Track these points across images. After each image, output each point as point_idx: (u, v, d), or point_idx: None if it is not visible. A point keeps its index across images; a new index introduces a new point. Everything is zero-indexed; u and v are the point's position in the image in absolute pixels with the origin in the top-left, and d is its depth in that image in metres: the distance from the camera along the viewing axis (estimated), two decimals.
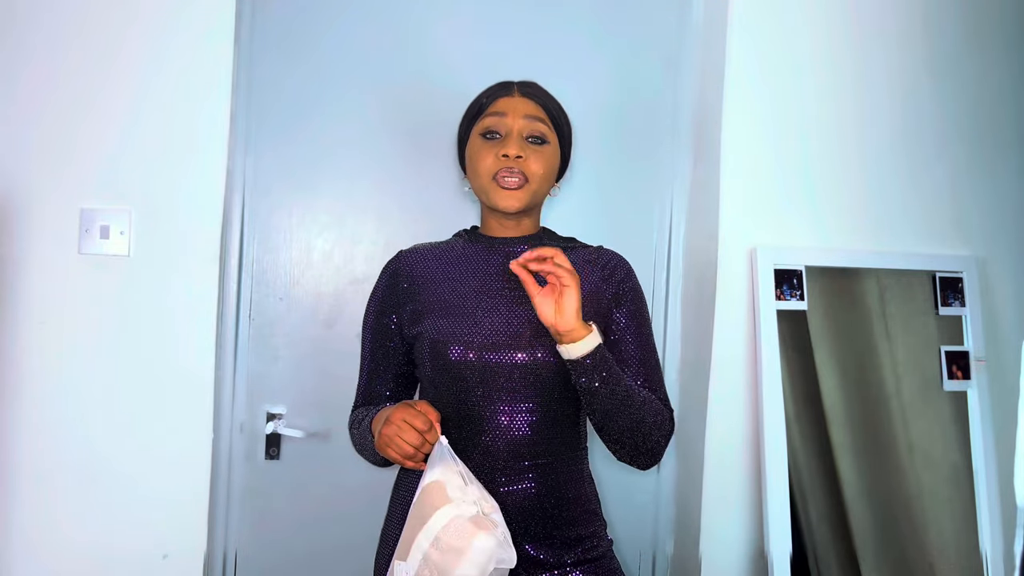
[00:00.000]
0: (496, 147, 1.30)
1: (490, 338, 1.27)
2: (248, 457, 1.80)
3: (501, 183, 1.29)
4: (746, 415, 1.78)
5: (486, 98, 1.34)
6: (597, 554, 1.31)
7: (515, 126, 1.30)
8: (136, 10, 1.65)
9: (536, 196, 1.32)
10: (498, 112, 1.31)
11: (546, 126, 1.32)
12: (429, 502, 1.14)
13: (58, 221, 1.64)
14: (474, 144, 1.33)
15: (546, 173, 1.31)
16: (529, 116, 1.31)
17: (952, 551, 1.81)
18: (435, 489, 1.14)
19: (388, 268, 1.40)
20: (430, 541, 1.12)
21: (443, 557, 1.10)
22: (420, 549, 1.12)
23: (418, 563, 1.12)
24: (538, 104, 1.32)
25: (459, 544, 1.10)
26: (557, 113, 1.35)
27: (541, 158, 1.30)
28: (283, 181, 1.79)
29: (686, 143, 1.90)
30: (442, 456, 1.17)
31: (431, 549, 1.11)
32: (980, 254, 1.91)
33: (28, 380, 1.64)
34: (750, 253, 1.79)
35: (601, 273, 1.34)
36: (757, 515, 1.79)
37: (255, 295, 1.79)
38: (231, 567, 1.79)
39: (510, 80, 1.37)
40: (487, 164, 1.29)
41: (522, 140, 1.30)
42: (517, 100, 1.32)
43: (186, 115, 1.67)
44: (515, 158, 1.28)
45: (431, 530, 1.12)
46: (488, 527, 1.11)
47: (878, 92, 1.84)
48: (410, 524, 1.17)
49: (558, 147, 1.35)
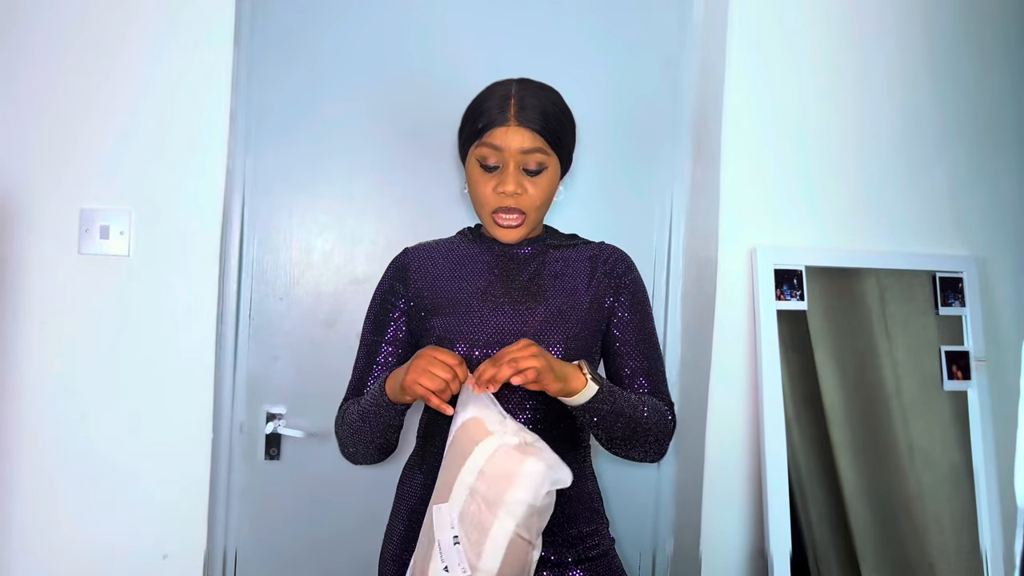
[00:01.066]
0: (493, 180, 1.27)
1: (494, 336, 1.27)
2: (248, 457, 1.80)
3: (500, 221, 1.28)
4: (746, 415, 1.78)
5: (481, 123, 1.27)
6: (599, 552, 1.31)
7: (511, 161, 1.26)
8: (136, 10, 1.65)
9: (535, 224, 1.33)
10: (494, 145, 1.26)
11: (543, 154, 1.27)
12: (468, 438, 1.10)
13: (58, 221, 1.64)
14: (473, 170, 1.30)
15: (544, 200, 1.30)
16: (525, 150, 1.25)
17: (952, 551, 1.81)
18: (473, 425, 1.11)
19: (394, 263, 1.40)
20: (475, 475, 1.08)
21: (491, 487, 1.07)
22: (465, 484, 1.09)
23: (463, 500, 1.08)
24: (535, 130, 1.25)
25: (509, 469, 1.06)
26: (556, 131, 1.29)
27: (539, 188, 1.28)
28: (283, 181, 1.79)
29: (686, 143, 1.90)
30: (472, 397, 1.13)
31: (477, 482, 1.08)
32: (980, 254, 1.91)
33: (28, 380, 1.64)
34: (750, 253, 1.79)
35: (603, 268, 1.35)
36: (757, 515, 1.79)
37: (255, 295, 1.79)
38: (231, 567, 1.79)
39: (509, 82, 1.32)
40: (486, 195, 1.28)
41: (519, 173, 1.26)
42: (512, 132, 1.25)
43: (186, 115, 1.67)
44: (513, 194, 1.26)
45: (475, 463, 1.08)
46: (535, 453, 1.09)
47: (878, 92, 1.84)
48: (448, 465, 1.13)
49: (558, 163, 1.31)
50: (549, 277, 1.33)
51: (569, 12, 1.86)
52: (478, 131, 1.27)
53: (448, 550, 1.08)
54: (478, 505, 1.08)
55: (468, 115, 1.31)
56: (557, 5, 1.86)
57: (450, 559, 1.08)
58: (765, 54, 1.80)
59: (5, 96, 1.62)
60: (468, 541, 1.07)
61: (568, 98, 1.37)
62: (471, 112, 1.31)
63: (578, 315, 1.30)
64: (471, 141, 1.29)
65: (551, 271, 1.33)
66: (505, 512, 1.07)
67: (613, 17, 1.88)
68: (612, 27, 1.88)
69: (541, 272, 1.33)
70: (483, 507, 1.07)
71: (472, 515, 1.08)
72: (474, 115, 1.29)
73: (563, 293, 1.31)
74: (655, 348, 1.35)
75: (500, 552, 1.07)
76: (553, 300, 1.30)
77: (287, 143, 1.79)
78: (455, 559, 1.08)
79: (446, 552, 1.08)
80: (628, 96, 1.89)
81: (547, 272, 1.33)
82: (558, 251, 1.36)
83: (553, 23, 1.86)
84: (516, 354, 1.11)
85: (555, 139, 1.28)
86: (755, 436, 1.78)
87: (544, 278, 1.32)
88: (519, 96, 1.27)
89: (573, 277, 1.33)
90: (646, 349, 1.33)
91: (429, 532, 1.13)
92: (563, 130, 1.30)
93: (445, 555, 1.08)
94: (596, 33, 1.87)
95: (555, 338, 1.26)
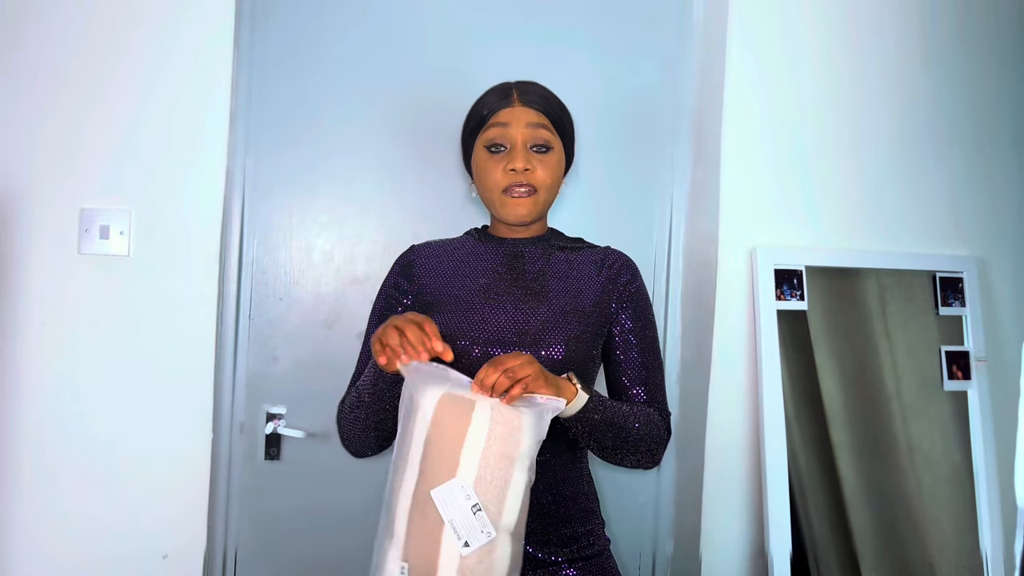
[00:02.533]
0: (503, 160, 1.30)
1: (495, 335, 1.27)
2: (248, 457, 1.80)
3: (511, 195, 1.30)
4: (746, 415, 1.78)
5: (486, 109, 1.33)
6: (592, 552, 1.31)
7: (519, 137, 1.30)
8: (138, 12, 1.65)
9: (545, 205, 1.34)
10: (500, 123, 1.31)
11: (549, 132, 1.32)
12: (456, 412, 1.11)
13: (58, 221, 1.64)
14: (480, 157, 1.33)
15: (553, 180, 1.33)
16: (532, 124, 1.31)
17: (952, 551, 1.81)
18: (450, 400, 1.11)
19: (400, 260, 1.41)
20: (483, 439, 1.09)
21: (503, 444, 1.09)
22: (474, 453, 1.09)
23: (475, 467, 1.09)
24: (539, 111, 1.32)
25: (512, 425, 1.09)
26: (558, 114, 1.35)
27: (547, 167, 1.31)
28: (283, 181, 1.79)
29: (686, 143, 1.90)
30: (425, 373, 1.13)
31: (488, 446, 1.09)
32: (980, 254, 1.91)
33: (28, 380, 1.64)
34: (750, 253, 1.79)
35: (608, 274, 1.35)
36: (757, 515, 1.79)
37: (255, 295, 1.79)
38: (231, 567, 1.79)
39: (507, 82, 1.36)
40: (496, 178, 1.31)
41: (527, 151, 1.31)
42: (518, 110, 1.31)
43: (186, 115, 1.67)
44: (523, 171, 1.29)
45: (479, 430, 1.10)
46: (526, 401, 1.11)
47: (878, 92, 1.84)
48: (443, 442, 1.11)
49: (562, 149, 1.35)
50: (553, 278, 1.33)
51: (569, 13, 1.86)
52: (483, 117, 1.33)
53: (466, 522, 1.09)
54: (494, 465, 1.10)
55: (471, 112, 1.37)
56: (557, 7, 1.86)
57: (470, 530, 1.09)
58: (765, 54, 1.80)
59: (6, 97, 1.62)
60: (489, 503, 1.09)
61: (568, 98, 1.39)
62: (474, 108, 1.36)
63: (580, 317, 1.30)
64: (477, 130, 1.34)
65: (556, 272, 1.34)
66: (518, 466, 1.10)
67: (613, 17, 1.88)
68: (612, 27, 1.88)
69: (545, 272, 1.33)
70: (500, 465, 1.10)
71: (489, 477, 1.10)
72: (477, 108, 1.35)
73: (566, 294, 1.32)
74: (656, 357, 1.35)
75: (518, 502, 1.11)
76: (556, 301, 1.31)
77: (287, 143, 1.79)
78: (477, 527, 1.09)
79: (463, 526, 1.09)
80: (628, 96, 1.89)
81: (551, 273, 1.34)
82: (563, 253, 1.37)
83: (553, 24, 1.85)
84: (511, 363, 1.11)
85: (558, 121, 1.34)
86: (755, 436, 1.78)
87: (548, 278, 1.33)
88: (519, 86, 1.34)
89: (578, 279, 1.34)
90: (647, 359, 1.34)
91: (419, 524, 1.11)
92: (564, 116, 1.36)
93: (462, 530, 1.09)
94: (596, 34, 1.87)
95: (556, 338, 1.27)
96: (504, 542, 1.10)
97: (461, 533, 1.09)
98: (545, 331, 1.27)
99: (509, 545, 1.11)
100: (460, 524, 1.09)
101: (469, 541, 1.09)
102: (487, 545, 1.09)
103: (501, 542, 1.10)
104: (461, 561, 1.09)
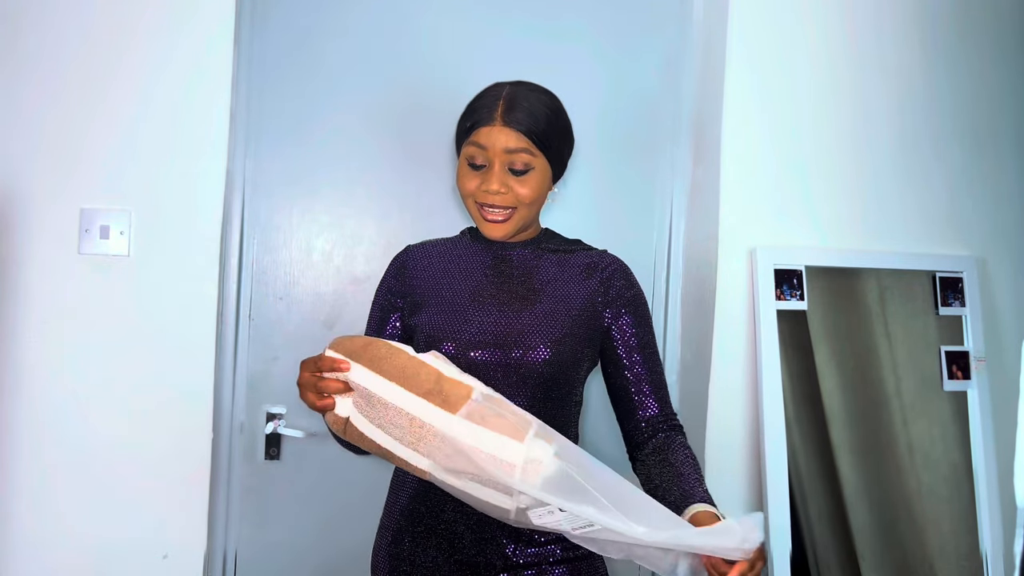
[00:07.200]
0: (478, 178, 1.28)
1: (477, 336, 1.27)
2: (248, 457, 1.80)
3: (485, 216, 1.29)
4: (746, 415, 1.78)
5: (470, 122, 1.29)
6: (580, 553, 1.30)
7: (496, 160, 1.26)
8: (138, 12, 1.65)
9: (525, 219, 1.31)
10: (478, 144, 1.27)
11: (529, 155, 1.27)
12: (453, 393, 1.12)
13: (58, 221, 1.64)
14: (461, 164, 1.31)
15: (535, 196, 1.29)
16: (510, 150, 1.26)
17: (952, 551, 1.81)
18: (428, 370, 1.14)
19: (396, 260, 1.41)
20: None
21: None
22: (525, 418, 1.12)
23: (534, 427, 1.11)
24: (521, 131, 1.25)
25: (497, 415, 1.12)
26: (544, 132, 1.28)
27: (526, 185, 1.28)
28: (283, 181, 1.79)
29: (686, 143, 1.90)
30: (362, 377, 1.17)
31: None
32: (980, 254, 1.91)
33: (28, 380, 1.64)
34: (750, 253, 1.79)
35: (599, 277, 1.34)
36: None
37: (255, 295, 1.79)
38: (231, 567, 1.79)
39: (501, 85, 1.32)
40: (470, 189, 1.29)
41: (504, 173, 1.27)
42: (497, 131, 1.25)
43: (187, 115, 1.67)
44: (496, 193, 1.27)
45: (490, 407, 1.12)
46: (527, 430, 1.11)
47: (878, 92, 1.84)
48: (490, 415, 1.11)
49: (547, 164, 1.30)
50: (541, 281, 1.32)
51: (569, 13, 1.86)
52: (467, 130, 1.29)
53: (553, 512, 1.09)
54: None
55: (462, 115, 1.33)
56: (557, 7, 1.86)
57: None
58: (765, 55, 1.80)
59: (6, 97, 1.62)
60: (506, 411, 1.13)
61: (568, 99, 1.37)
62: (465, 112, 1.33)
63: (567, 320, 1.29)
64: (462, 139, 1.31)
65: (544, 275, 1.33)
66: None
67: (613, 18, 1.88)
68: (612, 27, 1.88)
69: (533, 275, 1.33)
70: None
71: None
72: (466, 115, 1.31)
73: (553, 297, 1.31)
74: (658, 363, 1.35)
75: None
76: (542, 304, 1.30)
77: (287, 144, 1.79)
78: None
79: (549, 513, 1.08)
80: (628, 96, 1.89)
81: (540, 276, 1.33)
82: (555, 255, 1.35)
83: (553, 25, 1.86)
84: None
85: (543, 141, 1.27)
86: (755, 436, 1.78)
87: (536, 281, 1.32)
88: (509, 97, 1.27)
89: (566, 282, 1.32)
90: (650, 365, 1.33)
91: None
92: (553, 132, 1.29)
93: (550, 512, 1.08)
94: (596, 34, 1.87)
95: (539, 340, 1.26)
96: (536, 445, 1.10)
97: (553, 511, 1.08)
98: (528, 333, 1.26)
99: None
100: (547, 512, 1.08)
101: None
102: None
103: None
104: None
